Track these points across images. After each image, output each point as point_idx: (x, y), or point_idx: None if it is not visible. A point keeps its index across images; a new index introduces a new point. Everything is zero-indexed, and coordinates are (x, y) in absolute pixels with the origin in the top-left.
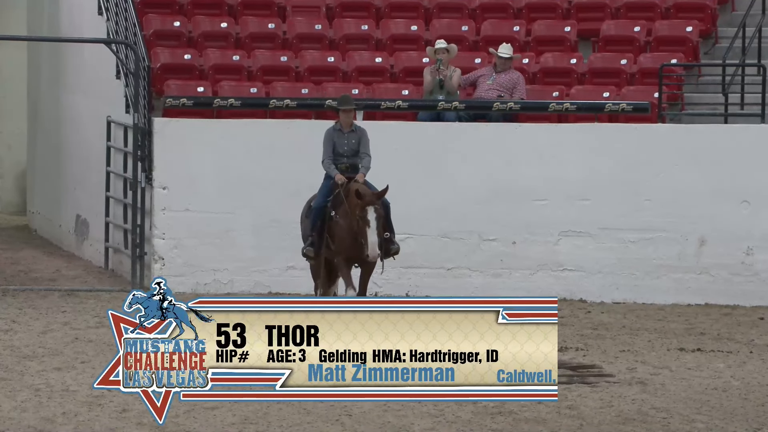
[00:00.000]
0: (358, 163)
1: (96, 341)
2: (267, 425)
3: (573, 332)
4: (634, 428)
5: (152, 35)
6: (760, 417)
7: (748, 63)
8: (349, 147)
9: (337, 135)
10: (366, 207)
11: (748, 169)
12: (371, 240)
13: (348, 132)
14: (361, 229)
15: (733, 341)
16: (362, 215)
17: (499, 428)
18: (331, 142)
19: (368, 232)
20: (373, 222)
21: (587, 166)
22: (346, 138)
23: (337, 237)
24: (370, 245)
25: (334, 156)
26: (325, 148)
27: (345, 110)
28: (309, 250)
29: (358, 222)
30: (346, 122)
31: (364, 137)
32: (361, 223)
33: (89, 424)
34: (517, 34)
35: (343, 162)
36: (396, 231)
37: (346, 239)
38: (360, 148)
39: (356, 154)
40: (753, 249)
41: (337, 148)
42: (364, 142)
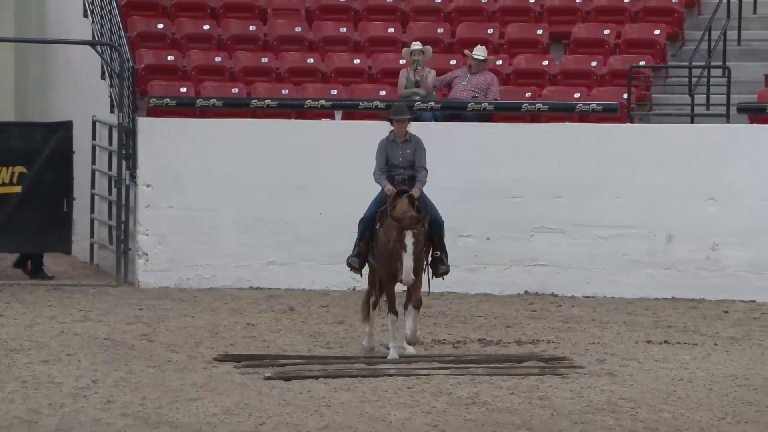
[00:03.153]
0: (414, 175)
1: (81, 334)
2: (248, 416)
3: (545, 325)
4: (604, 418)
5: (136, 37)
6: (725, 407)
7: (713, 65)
8: (404, 158)
9: (390, 146)
10: (403, 231)
11: (714, 168)
12: (406, 265)
13: (402, 142)
14: (397, 253)
15: (698, 334)
16: (399, 239)
17: (472, 418)
18: (384, 153)
19: (404, 257)
20: (410, 247)
21: (559, 164)
22: (401, 148)
23: (379, 252)
24: (404, 270)
25: (389, 167)
26: (377, 160)
27: (399, 120)
28: (354, 260)
29: (395, 244)
30: (399, 132)
31: (419, 147)
32: (398, 247)
33: (75, 415)
34: (491, 36)
35: (400, 173)
36: None
37: (387, 255)
38: (416, 160)
39: (412, 165)
40: (719, 245)
41: (391, 159)
42: (420, 154)
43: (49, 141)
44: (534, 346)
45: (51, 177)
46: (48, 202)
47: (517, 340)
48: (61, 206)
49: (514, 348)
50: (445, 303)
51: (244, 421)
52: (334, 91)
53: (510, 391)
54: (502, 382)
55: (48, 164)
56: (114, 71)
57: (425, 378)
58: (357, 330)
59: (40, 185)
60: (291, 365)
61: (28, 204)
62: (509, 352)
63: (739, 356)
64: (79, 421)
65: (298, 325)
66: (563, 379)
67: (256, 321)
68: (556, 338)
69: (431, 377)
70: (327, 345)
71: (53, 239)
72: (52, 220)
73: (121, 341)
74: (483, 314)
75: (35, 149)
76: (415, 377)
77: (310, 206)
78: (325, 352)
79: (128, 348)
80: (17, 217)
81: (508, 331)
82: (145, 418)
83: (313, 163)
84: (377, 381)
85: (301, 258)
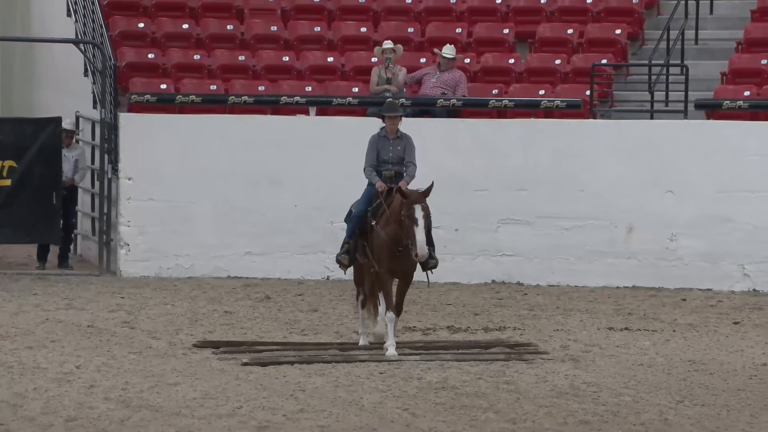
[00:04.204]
0: (402, 170)
1: (65, 322)
2: (226, 400)
3: (511, 313)
4: (567, 401)
5: (118, 35)
6: (683, 390)
7: (672, 63)
8: (395, 154)
9: (382, 142)
10: (412, 205)
11: (673, 162)
12: (419, 238)
13: (393, 139)
14: (409, 229)
15: (657, 321)
16: (409, 214)
17: (442, 402)
18: (375, 149)
19: (416, 231)
20: (421, 220)
21: (525, 158)
22: (392, 145)
23: (377, 248)
24: (418, 244)
25: (379, 163)
26: (368, 155)
27: (391, 117)
28: (343, 257)
29: (405, 221)
30: (391, 129)
31: (409, 144)
32: (408, 222)
33: (59, 399)
34: (460, 35)
35: (389, 169)
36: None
37: (385, 250)
38: (405, 155)
39: (402, 161)
40: (677, 235)
41: (382, 155)
42: (409, 150)
43: (39, 136)
44: (500, 332)
45: (40, 171)
46: (37, 195)
47: (485, 327)
48: (50, 199)
49: (481, 335)
50: (416, 291)
51: (223, 405)
52: (308, 88)
53: (477, 376)
54: (470, 367)
55: (37, 159)
56: (96, 68)
57: (396, 364)
58: (330, 317)
59: (29, 179)
60: (267, 351)
61: (18, 197)
62: (477, 339)
63: (696, 342)
64: (63, 405)
65: (274, 312)
66: (528, 365)
67: (234, 309)
68: (521, 325)
69: (402, 363)
70: (302, 332)
71: (43, 230)
72: (41, 213)
73: (103, 328)
74: (452, 302)
75: (25, 144)
76: (387, 363)
77: (285, 198)
78: (300, 339)
79: (110, 335)
80: (7, 210)
81: (476, 319)
82: (127, 402)
83: (288, 157)
84: (350, 366)
85: (276, 248)
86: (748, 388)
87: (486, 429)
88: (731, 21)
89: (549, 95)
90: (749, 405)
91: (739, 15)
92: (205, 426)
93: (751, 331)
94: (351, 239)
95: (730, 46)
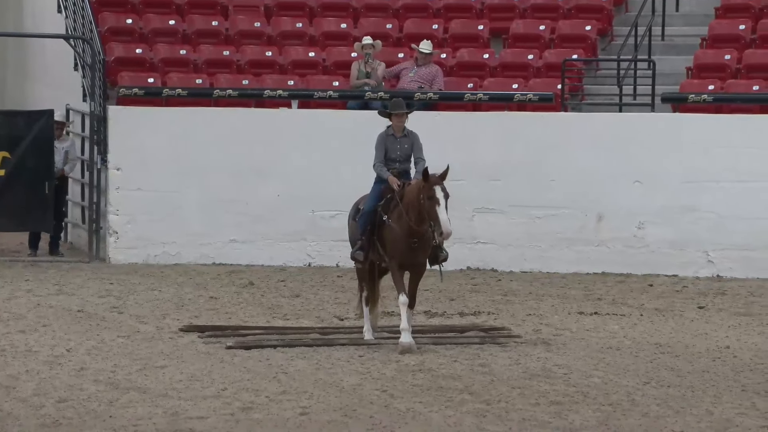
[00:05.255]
0: (408, 168)
1: (56, 307)
2: (211, 382)
3: (485, 298)
4: (539, 383)
5: (107, 31)
6: (649, 372)
7: (640, 58)
8: (402, 152)
9: (389, 140)
10: (433, 187)
11: (640, 153)
12: (442, 218)
13: (400, 137)
14: (431, 210)
15: (626, 305)
16: (430, 195)
17: (419, 383)
18: (383, 146)
19: (439, 211)
20: (443, 201)
21: (499, 150)
22: (399, 143)
23: (390, 242)
24: (442, 224)
25: (386, 161)
26: (377, 152)
27: (397, 114)
28: (358, 254)
29: (426, 203)
30: (398, 127)
31: (416, 141)
32: (430, 203)
33: (50, 381)
34: (436, 31)
35: (395, 167)
36: (328, 209)
37: (399, 244)
38: (414, 152)
39: (409, 159)
40: (644, 224)
41: (389, 153)
42: (417, 147)
43: (32, 128)
44: (475, 317)
45: (33, 162)
46: (30, 185)
47: (460, 311)
48: (43, 189)
49: (457, 319)
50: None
51: (208, 387)
52: (290, 82)
53: (453, 359)
54: (446, 350)
55: (30, 150)
56: (86, 63)
57: (375, 347)
58: (312, 302)
59: (22, 169)
60: (251, 335)
61: (12, 186)
62: (453, 323)
63: (663, 326)
64: (54, 387)
65: (258, 298)
66: (502, 348)
67: (219, 294)
68: (495, 310)
69: (381, 346)
70: (284, 317)
71: (36, 219)
72: (34, 202)
73: (93, 313)
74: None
75: (18, 135)
76: (366, 346)
77: (268, 188)
78: (282, 324)
79: (100, 319)
80: (1, 199)
81: (452, 304)
82: (116, 384)
83: (271, 148)
84: (331, 350)
85: (260, 236)
86: (712, 369)
87: (461, 410)
88: (696, 18)
89: (522, 89)
90: (713, 386)
91: (703, 12)
92: (191, 407)
93: (714, 315)
94: (364, 235)
95: (695, 42)
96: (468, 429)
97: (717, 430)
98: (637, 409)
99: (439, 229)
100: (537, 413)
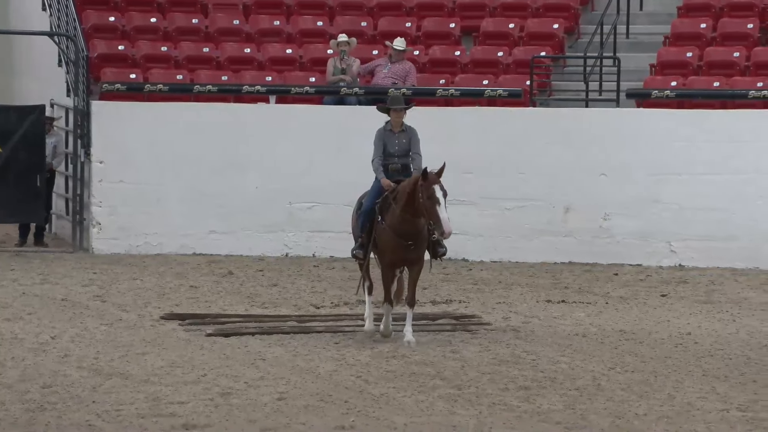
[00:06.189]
0: (408, 163)
1: (41, 296)
2: (191, 368)
3: (457, 287)
4: (508, 369)
5: (90, 28)
6: (614, 358)
7: (605, 56)
8: (400, 147)
9: (387, 135)
10: (431, 186)
11: (606, 147)
12: (443, 217)
13: (399, 132)
14: (431, 209)
15: (592, 294)
16: (429, 194)
17: (393, 369)
18: (382, 142)
19: (439, 210)
20: (442, 199)
21: (470, 144)
22: (397, 138)
23: (382, 241)
24: (443, 222)
25: (385, 156)
26: (375, 149)
27: (396, 110)
28: (359, 252)
29: (426, 202)
30: (396, 122)
31: (414, 137)
32: (430, 203)
33: (35, 367)
34: (409, 29)
35: (395, 162)
36: (305, 201)
37: (390, 244)
38: (411, 147)
39: (407, 154)
40: (610, 215)
41: (388, 148)
42: (415, 142)
43: (23, 123)
44: (447, 305)
45: (25, 155)
46: (22, 178)
47: (432, 300)
48: (35, 182)
49: (429, 307)
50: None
51: (188, 373)
52: (268, 78)
53: (426, 346)
54: (418, 337)
55: (22, 144)
56: (70, 59)
57: (350, 334)
58: (289, 291)
59: (14, 163)
60: (230, 323)
61: (4, 179)
62: (425, 311)
63: (627, 313)
64: (39, 373)
65: (237, 287)
66: (473, 335)
67: (199, 284)
68: (466, 298)
69: (356, 333)
70: (263, 305)
71: (28, 211)
72: (26, 194)
73: (76, 302)
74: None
75: (10, 130)
76: (342, 333)
77: (247, 181)
78: (260, 312)
79: (83, 308)
80: None
81: (424, 292)
82: (99, 370)
83: (250, 142)
84: (307, 337)
85: (239, 227)
86: (674, 355)
87: (433, 394)
88: (659, 16)
89: (492, 85)
90: (675, 371)
91: (666, 11)
92: (172, 392)
93: (677, 303)
94: (363, 233)
95: (658, 40)
96: (439, 413)
97: (679, 414)
98: (603, 394)
99: (440, 228)
100: (506, 398)
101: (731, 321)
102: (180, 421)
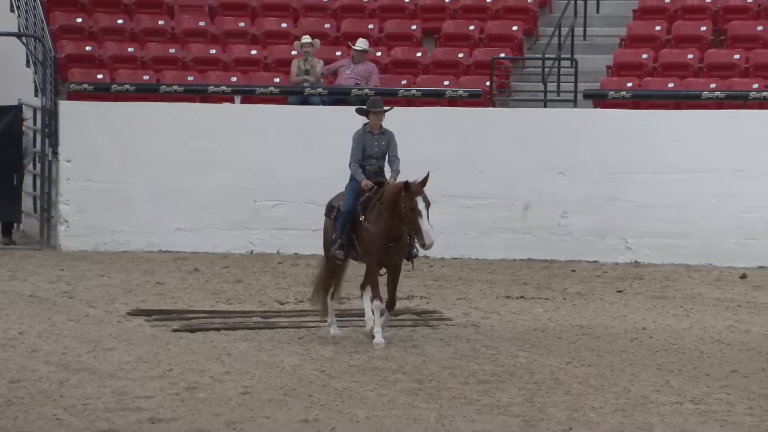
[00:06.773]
0: (383, 165)
1: (9, 292)
2: (158, 363)
3: (418, 283)
4: (468, 363)
5: (58, 29)
6: (572, 352)
7: (563, 57)
8: (379, 149)
9: (367, 137)
10: (414, 198)
11: (564, 146)
12: (425, 229)
13: (378, 134)
14: (413, 221)
15: (550, 290)
16: (412, 206)
17: (356, 364)
18: (361, 143)
19: (421, 223)
20: (424, 211)
21: (431, 143)
22: (376, 140)
23: (367, 242)
24: (425, 234)
25: (363, 158)
26: (354, 150)
27: (375, 113)
28: (339, 253)
29: (409, 214)
30: (375, 124)
31: (392, 140)
32: (412, 215)
33: (3, 363)
34: (372, 31)
35: (373, 164)
36: (270, 199)
37: (377, 245)
38: (389, 150)
39: (384, 156)
40: (567, 213)
41: (367, 149)
42: (393, 145)
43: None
44: (408, 301)
45: (2, 154)
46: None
47: None
48: (11, 180)
49: None
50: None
51: (155, 368)
52: (234, 78)
53: (388, 341)
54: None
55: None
56: (38, 60)
57: (314, 329)
58: (254, 287)
59: None
60: (196, 319)
61: None
62: None
63: (584, 309)
64: (8, 368)
65: (202, 283)
66: (434, 330)
67: (165, 280)
68: (427, 294)
69: (319, 328)
70: (228, 301)
71: (5, 209)
72: (3, 192)
73: (44, 298)
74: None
75: None
76: (305, 329)
77: (212, 179)
78: (226, 307)
79: (51, 304)
80: None
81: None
82: (66, 365)
83: (215, 141)
84: (272, 332)
85: (204, 225)
86: (630, 349)
87: (395, 388)
88: (615, 19)
89: (453, 86)
90: (631, 365)
91: (622, 14)
92: (138, 387)
93: (632, 298)
94: (343, 234)
95: (614, 42)
96: (401, 407)
97: (634, 406)
98: (561, 387)
99: (422, 240)
100: (466, 391)
101: (685, 316)
102: (146, 415)
